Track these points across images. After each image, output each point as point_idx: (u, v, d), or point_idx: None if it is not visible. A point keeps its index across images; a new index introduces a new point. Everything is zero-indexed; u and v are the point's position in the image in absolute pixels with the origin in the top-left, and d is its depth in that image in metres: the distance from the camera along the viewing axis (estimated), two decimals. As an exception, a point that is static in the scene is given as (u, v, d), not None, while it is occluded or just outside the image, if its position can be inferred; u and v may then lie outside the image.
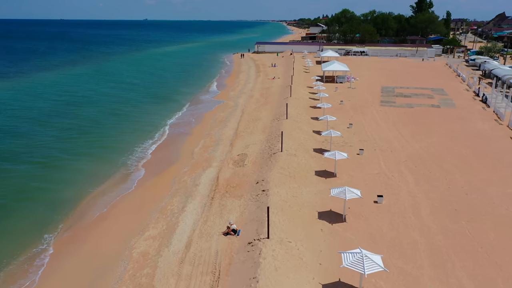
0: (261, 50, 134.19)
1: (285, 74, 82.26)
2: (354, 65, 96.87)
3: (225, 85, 76.57)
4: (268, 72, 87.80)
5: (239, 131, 42.94)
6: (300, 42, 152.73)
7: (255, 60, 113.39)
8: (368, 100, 57.72)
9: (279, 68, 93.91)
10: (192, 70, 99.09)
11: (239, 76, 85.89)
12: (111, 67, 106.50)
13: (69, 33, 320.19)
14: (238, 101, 59.04)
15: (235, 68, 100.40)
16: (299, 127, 41.52)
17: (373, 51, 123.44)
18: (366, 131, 42.10)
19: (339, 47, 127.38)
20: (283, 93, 60.43)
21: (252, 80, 79.29)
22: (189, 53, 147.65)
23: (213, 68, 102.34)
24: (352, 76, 75.46)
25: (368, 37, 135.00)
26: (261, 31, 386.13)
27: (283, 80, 73.97)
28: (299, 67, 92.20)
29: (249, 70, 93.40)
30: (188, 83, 79.79)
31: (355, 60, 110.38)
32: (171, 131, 45.50)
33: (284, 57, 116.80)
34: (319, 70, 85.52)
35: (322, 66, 76.30)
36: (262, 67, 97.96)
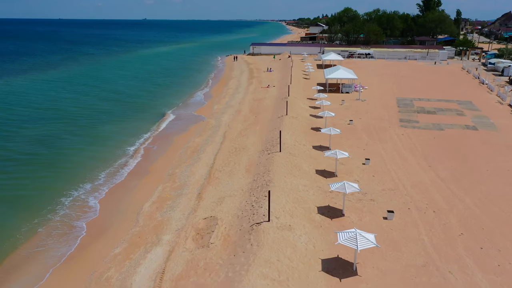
0: (257, 52, 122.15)
1: (282, 81, 70.26)
2: (360, 70, 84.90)
3: (210, 95, 64.48)
4: (262, 79, 75.78)
5: (215, 169, 30.91)
6: (299, 43, 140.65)
7: (249, 64, 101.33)
8: (384, 118, 45.73)
9: (275, 74, 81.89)
10: (178, 75, 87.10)
11: (229, 83, 73.85)
12: (88, 71, 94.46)
13: (60, 33, 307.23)
14: (222, 119, 47.02)
15: (226, 73, 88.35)
16: (297, 166, 29.57)
17: (380, 53, 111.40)
18: (390, 170, 30.14)
19: (342, 48, 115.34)
20: (277, 108, 48.47)
21: (243, 88, 67.26)
22: (180, 55, 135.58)
23: (202, 72, 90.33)
24: (360, 85, 63.53)
25: (373, 38, 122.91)
26: (259, 31, 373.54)
27: (279, 90, 61.97)
28: (298, 72, 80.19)
29: (241, 76, 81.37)
30: (169, 91, 67.74)
31: (360, 64, 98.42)
32: (123, 170, 33.08)
33: (281, 60, 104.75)
34: (320, 76, 73.52)
35: (325, 72, 64.28)
36: (256, 72, 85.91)
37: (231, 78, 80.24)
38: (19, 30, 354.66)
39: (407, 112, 48.52)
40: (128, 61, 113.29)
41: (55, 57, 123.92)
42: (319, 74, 77.65)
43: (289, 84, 62.32)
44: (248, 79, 76.25)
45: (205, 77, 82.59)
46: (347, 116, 45.95)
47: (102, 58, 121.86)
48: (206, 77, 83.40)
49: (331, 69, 66.06)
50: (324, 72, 65.43)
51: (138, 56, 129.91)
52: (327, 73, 63.25)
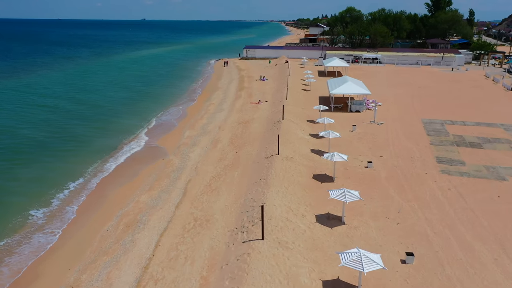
0: (251, 55, 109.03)
1: (276, 94, 57.25)
2: (368, 78, 71.92)
3: (186, 113, 51.28)
4: (253, 90, 62.76)
5: (150, 275, 17.80)
6: (297, 46, 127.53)
7: (240, 70, 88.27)
8: (414, 155, 32.68)
9: (269, 83, 68.85)
10: (157, 84, 73.89)
11: (212, 96, 60.81)
12: (56, 77, 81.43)
13: (47, 33, 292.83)
14: (190, 156, 33.83)
15: (212, 82, 75.30)
16: (292, 274, 16.53)
17: (388, 58, 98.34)
18: (449, 275, 17.15)
19: (346, 52, 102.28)
20: (267, 139, 35.47)
21: (228, 104, 54.22)
22: (168, 58, 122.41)
23: (185, 81, 77.28)
24: (373, 101, 50.60)
25: (380, 40, 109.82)
26: (258, 31, 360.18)
27: (272, 107, 48.94)
28: (296, 81, 67.14)
29: (229, 86, 68.31)
30: (136, 109, 54.26)
31: (367, 70, 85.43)
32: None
33: (277, 66, 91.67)
34: (323, 87, 60.58)
35: (329, 85, 51.24)
36: (247, 81, 72.85)
37: (216, 89, 67.16)
38: (2, 30, 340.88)
39: (443, 145, 35.41)
40: (107, 66, 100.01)
41: (27, 60, 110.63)
42: (321, 84, 64.65)
43: (285, 99, 49.36)
44: (237, 91, 63.12)
45: (186, 88, 69.48)
46: (362, 152, 32.94)
47: (80, 62, 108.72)
48: (188, 87, 70.28)
49: (337, 80, 52.97)
50: (328, 85, 52.38)
51: (120, 59, 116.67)
52: (332, 86, 50.22)
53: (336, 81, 52.75)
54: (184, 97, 61.88)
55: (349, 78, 51.90)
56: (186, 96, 62.59)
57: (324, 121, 36.67)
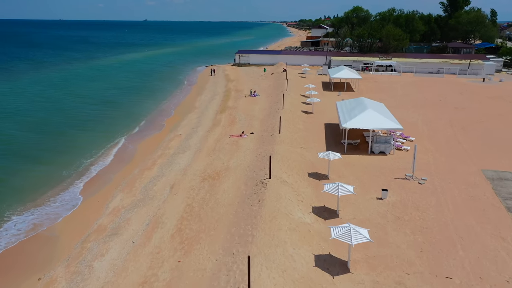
0: (244, 61, 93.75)
1: (267, 120, 42.04)
2: (384, 92, 56.85)
3: (132, 155, 35.66)
4: (237, 112, 47.55)
5: None
6: (298, 51, 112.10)
7: (229, 80, 73.05)
8: (505, 260, 17.45)
9: (260, 101, 53.64)
10: (114, 105, 56.17)
11: (182, 122, 45.48)
12: (11, 87, 66.49)
13: (31, 35, 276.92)
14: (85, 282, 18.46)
15: (190, 98, 59.99)
16: None
17: (405, 65, 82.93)
18: None
19: (354, 58, 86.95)
20: (238, 227, 20.17)
21: (199, 138, 38.87)
22: (151, 64, 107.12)
23: (155, 96, 61.78)
24: (401, 134, 35.53)
25: (393, 44, 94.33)
26: (258, 33, 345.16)
27: (258, 146, 33.63)
28: (295, 100, 51.88)
29: (207, 106, 53.06)
30: (65, 149, 37.92)
31: (381, 81, 70.11)
32: None
33: (274, 75, 76.39)
34: (330, 107, 45.36)
35: (340, 113, 35.91)
36: (233, 97, 57.62)
37: (192, 109, 51.96)
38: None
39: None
40: (74, 76, 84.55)
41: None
42: (327, 102, 49.34)
43: (278, 132, 34.18)
44: (216, 114, 47.81)
45: (154, 107, 53.99)
46: (411, 262, 17.66)
47: (47, 68, 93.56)
48: (157, 106, 54.83)
49: (350, 105, 37.63)
50: (338, 112, 37.03)
51: (94, 66, 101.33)
52: (344, 115, 34.96)
53: (349, 106, 37.44)
54: (145, 123, 46.56)
55: (367, 103, 36.59)
56: (148, 121, 47.26)
57: (338, 190, 21.32)
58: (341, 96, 55.96)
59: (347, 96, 56.95)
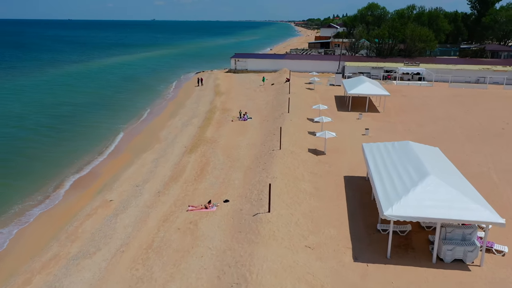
0: (241, 67, 78.27)
1: (255, 170, 26.50)
2: (419, 113, 41.01)
3: None
4: (215, 152, 31.99)
5: None
6: (305, 55, 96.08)
7: (217, 94, 57.55)
8: None
9: (250, 131, 38.02)
10: (46, 139, 38.77)
11: (125, 175, 29.67)
12: None
13: (20, 34, 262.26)
14: None
15: (156, 124, 44.11)
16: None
17: (436, 73, 66.77)
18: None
19: (373, 64, 71.08)
20: None
21: (138, 209, 23.44)
22: (133, 70, 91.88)
23: (112, 122, 45.46)
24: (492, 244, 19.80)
25: (419, 46, 78.05)
26: (264, 32, 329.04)
27: (231, 235, 18.15)
28: (300, 129, 36.18)
29: (175, 139, 37.39)
30: None
31: (410, 94, 54.13)
32: None
33: (274, 86, 60.78)
34: (349, 140, 29.43)
35: (379, 191, 19.89)
36: (215, 121, 42.10)
37: (151, 144, 36.41)
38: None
39: None
40: (32, 85, 68.90)
41: None
42: (345, 133, 33.70)
43: (268, 211, 18.75)
44: (184, 154, 32.19)
45: (91, 147, 37.48)
46: None
47: (9, 74, 78.83)
48: (99, 143, 38.51)
49: (391, 156, 21.88)
50: (373, 182, 20.87)
51: (67, 72, 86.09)
52: (386, 188, 19.24)
53: (388, 161, 21.74)
54: (74, 170, 31.14)
55: (423, 157, 20.89)
56: (80, 167, 31.81)
57: None
58: (363, 122, 40.22)
59: (371, 120, 41.09)
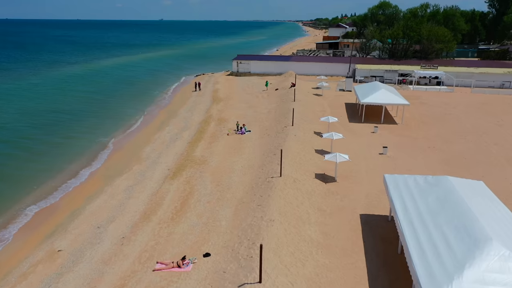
0: (244, 70, 72.63)
1: (248, 206, 20.81)
2: (443, 126, 34.67)
3: None
4: (203, 176, 26.42)
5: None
6: (312, 57, 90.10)
7: (214, 101, 51.97)
8: None
9: (248, 148, 32.34)
10: (16, 154, 35.75)
11: (90, 208, 24.21)
12: None
13: (22, 34, 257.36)
14: None
15: (141, 137, 38.56)
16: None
17: (457, 77, 60.49)
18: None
19: (387, 67, 65.06)
20: None
21: (91, 267, 17.89)
22: (130, 72, 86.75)
23: (95, 133, 40.16)
24: None
25: (437, 47, 71.70)
26: (271, 32, 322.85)
27: None
28: (305, 146, 30.42)
29: (159, 158, 31.84)
30: None
31: (430, 101, 48.01)
32: None
33: (278, 92, 55.02)
34: (364, 161, 23.47)
35: (423, 284, 14.27)
36: (209, 134, 36.48)
37: (131, 164, 30.89)
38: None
39: None
40: (17, 89, 64.03)
41: None
42: (358, 149, 27.91)
43: (259, 280, 12.88)
44: (165, 179, 26.61)
45: (63, 164, 31.89)
46: None
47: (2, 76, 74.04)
48: (74, 159, 32.89)
49: (428, 206, 16.04)
50: (412, 266, 14.75)
51: (60, 75, 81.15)
52: (425, 253, 13.45)
53: (419, 213, 15.96)
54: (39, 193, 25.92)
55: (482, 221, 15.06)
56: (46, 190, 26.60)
57: None
58: (379, 137, 34.32)
59: (389, 134, 35.16)
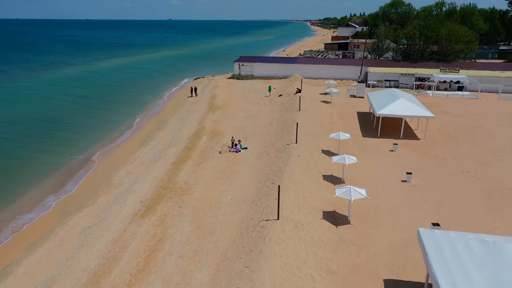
0: (246, 72, 66.86)
1: (231, 266, 15.06)
2: (475, 143, 27.54)
3: None
4: (182, 214, 20.81)
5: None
6: (320, 58, 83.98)
7: (211, 109, 46.28)
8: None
9: (242, 171, 26.57)
10: None
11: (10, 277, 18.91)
12: None
13: (26, 34, 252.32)
14: None
15: (119, 156, 33.06)
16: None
17: (482, 82, 54.08)
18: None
19: (403, 70, 58.85)
20: None
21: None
22: (126, 74, 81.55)
23: (67, 151, 34.95)
24: None
25: (457, 48, 65.15)
26: (279, 32, 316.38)
27: None
28: (312, 177, 24.55)
29: (132, 187, 26.22)
30: None
31: (453, 110, 41.77)
32: None
33: (282, 98, 49.13)
34: (382, 189, 17.40)
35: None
36: (198, 152, 30.80)
37: (97, 194, 25.36)
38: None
39: None
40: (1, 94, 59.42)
41: None
42: (375, 174, 22.03)
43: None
44: (133, 218, 21.02)
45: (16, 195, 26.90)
46: None
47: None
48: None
49: None
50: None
51: (51, 78, 76.11)
52: None
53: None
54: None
55: None
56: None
57: None
58: (399, 157, 28.30)
59: (411, 153, 29.05)
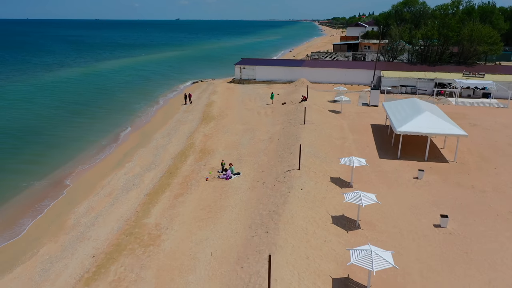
0: (247, 76, 61.27)
1: None
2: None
3: None
4: (139, 278, 15.19)
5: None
6: (328, 61, 78.01)
7: (204, 120, 40.75)
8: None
9: (230, 205, 21.00)
10: None
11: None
12: None
13: (26, 34, 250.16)
14: None
15: (78, 190, 27.84)
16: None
17: (510, 88, 47.87)
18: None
19: (420, 74, 52.82)
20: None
21: None
22: (122, 76, 76.61)
23: (22, 183, 30.18)
24: None
25: (480, 50, 58.83)
26: (286, 32, 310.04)
27: None
28: (317, 219, 18.93)
29: (78, 242, 20.93)
30: None
31: (482, 122, 35.69)
32: None
33: (285, 107, 43.43)
34: (428, 266, 11.82)
35: None
36: (181, 180, 25.36)
37: (16, 262, 20.05)
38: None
39: None
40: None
41: None
42: (408, 233, 16.35)
43: None
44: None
45: None
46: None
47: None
48: None
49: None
50: None
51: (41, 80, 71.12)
52: None
53: None
54: None
55: None
56: None
57: None
58: (427, 188, 22.55)
59: (441, 182, 23.08)
